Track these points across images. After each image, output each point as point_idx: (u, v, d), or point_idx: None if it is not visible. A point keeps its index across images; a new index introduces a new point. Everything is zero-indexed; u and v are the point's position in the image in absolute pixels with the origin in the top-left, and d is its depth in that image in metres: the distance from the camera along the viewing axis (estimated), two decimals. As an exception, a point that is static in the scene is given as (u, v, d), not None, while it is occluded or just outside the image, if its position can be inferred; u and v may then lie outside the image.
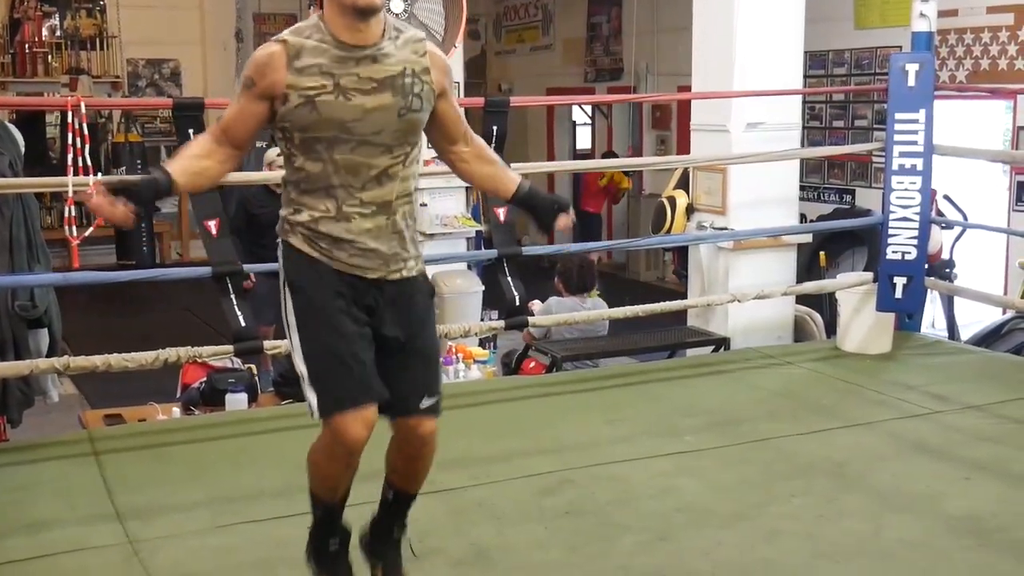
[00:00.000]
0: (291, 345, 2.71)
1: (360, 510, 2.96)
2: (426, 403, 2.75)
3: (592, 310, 5.88)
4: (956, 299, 6.81)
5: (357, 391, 2.63)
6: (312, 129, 2.60)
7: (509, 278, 5.07)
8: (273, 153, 6.48)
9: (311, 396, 2.65)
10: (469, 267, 6.96)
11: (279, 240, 2.75)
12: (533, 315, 5.48)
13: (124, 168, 10.74)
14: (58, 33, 12.86)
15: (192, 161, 2.71)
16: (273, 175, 4.75)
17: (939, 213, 6.78)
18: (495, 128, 4.96)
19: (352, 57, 2.60)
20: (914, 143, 5.64)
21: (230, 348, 4.54)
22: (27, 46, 12.43)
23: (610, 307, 6.20)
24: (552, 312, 5.81)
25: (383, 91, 2.62)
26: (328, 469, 2.74)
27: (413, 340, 2.75)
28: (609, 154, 12.57)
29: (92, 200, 2.50)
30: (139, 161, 11.14)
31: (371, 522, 2.95)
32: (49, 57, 12.56)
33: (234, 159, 2.74)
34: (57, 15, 12.94)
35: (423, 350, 2.79)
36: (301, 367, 2.67)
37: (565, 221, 2.93)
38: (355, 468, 2.75)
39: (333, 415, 2.62)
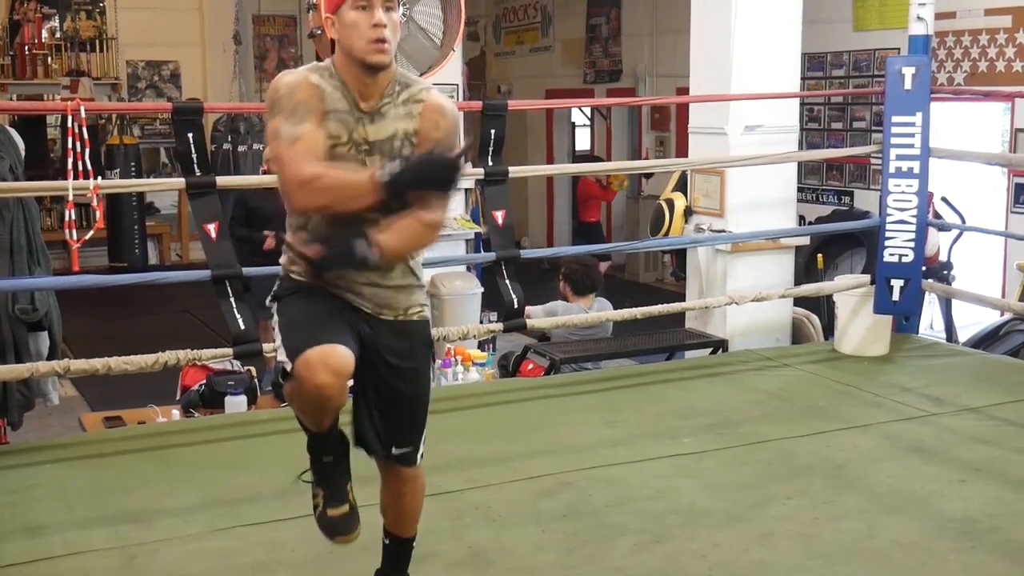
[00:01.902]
0: (277, 347, 2.64)
1: (369, 512, 2.96)
2: (397, 452, 2.75)
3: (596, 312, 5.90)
4: (954, 301, 6.82)
5: (321, 335, 2.52)
6: None
7: (508, 281, 5.08)
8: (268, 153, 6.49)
9: (280, 356, 2.58)
10: (468, 269, 6.97)
11: (282, 266, 2.72)
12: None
13: (118, 170, 10.73)
14: (58, 35, 12.88)
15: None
16: (271, 178, 4.76)
17: (937, 215, 6.80)
18: (493, 131, 4.98)
19: (355, 114, 2.60)
20: (911, 146, 5.65)
21: (229, 351, 4.55)
22: (27, 48, 12.44)
23: (611, 308, 6.23)
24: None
25: (373, 154, 2.60)
26: (305, 412, 2.63)
27: (405, 385, 2.72)
28: (595, 158, 12.61)
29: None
30: (133, 163, 11.15)
31: (376, 574, 3.00)
32: (49, 59, 12.57)
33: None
34: (57, 17, 12.95)
35: (412, 401, 2.76)
36: (281, 353, 2.59)
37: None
38: (334, 411, 2.60)
39: (295, 361, 2.49)
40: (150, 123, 13.29)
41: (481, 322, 6.86)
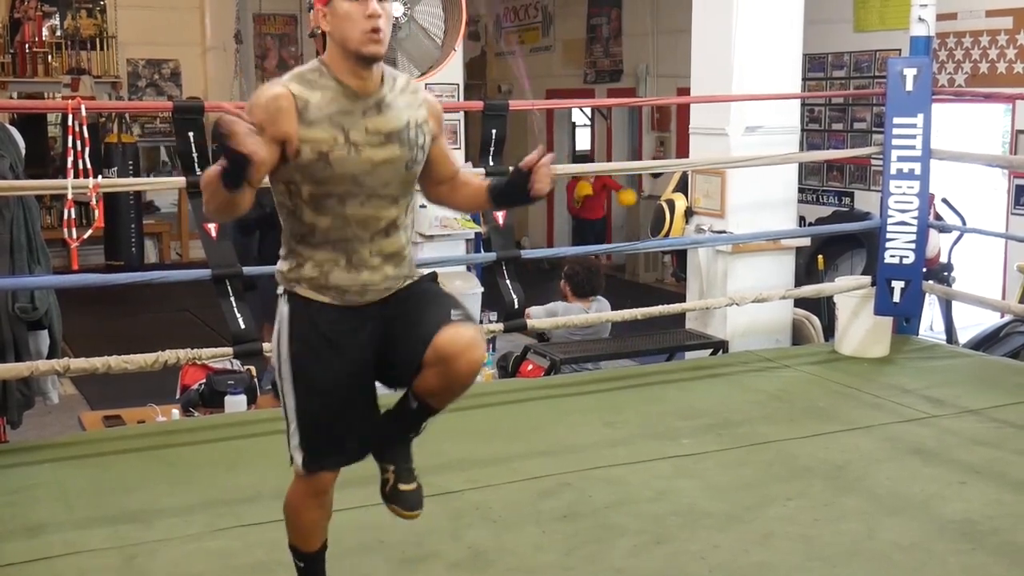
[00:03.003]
0: (281, 392, 2.69)
1: (368, 512, 2.97)
2: (457, 315, 2.59)
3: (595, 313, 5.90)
4: (954, 303, 6.82)
5: (341, 458, 2.70)
6: (325, 183, 2.53)
7: (508, 281, 5.08)
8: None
9: (296, 454, 2.68)
10: (468, 268, 6.96)
11: (279, 293, 2.67)
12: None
13: (116, 168, 10.73)
14: (58, 33, 12.88)
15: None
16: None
17: (937, 217, 6.80)
18: (494, 132, 4.98)
19: (359, 107, 2.56)
20: (912, 148, 5.65)
21: (230, 350, 4.55)
22: (27, 46, 12.45)
23: (611, 309, 6.23)
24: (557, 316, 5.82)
25: (391, 144, 2.58)
26: (306, 513, 2.78)
27: (421, 296, 2.69)
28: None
29: (233, 125, 2.26)
30: (131, 162, 11.14)
31: (387, 419, 2.80)
32: (49, 57, 12.58)
33: (251, 196, 2.53)
34: (57, 15, 12.95)
35: (434, 293, 2.71)
36: (290, 419, 2.67)
37: (538, 182, 2.69)
38: (328, 511, 2.81)
39: (316, 474, 2.69)
40: (150, 122, 13.29)
41: (481, 322, 6.86)
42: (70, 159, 4.20)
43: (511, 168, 2.77)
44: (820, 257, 7.51)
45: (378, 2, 2.52)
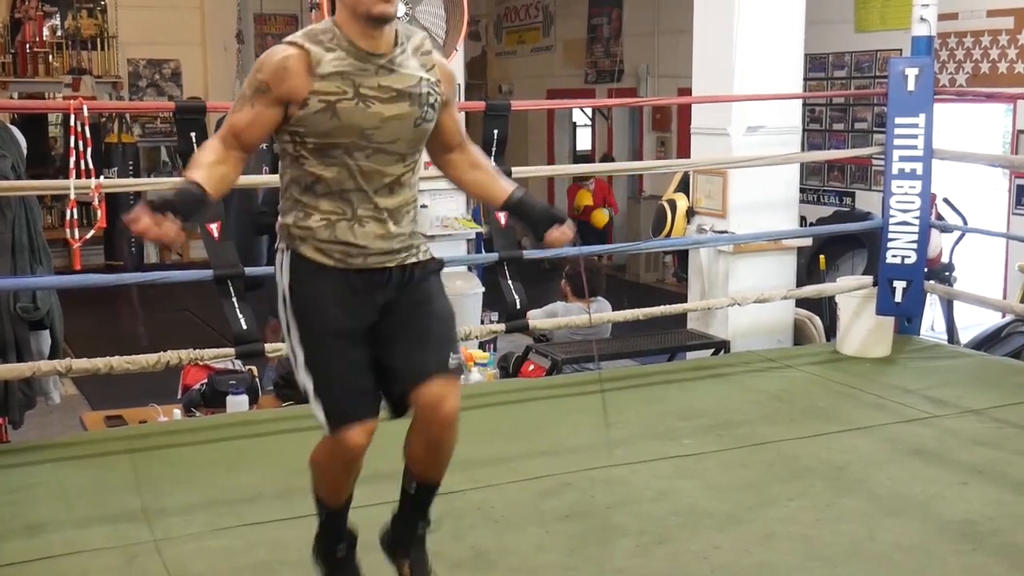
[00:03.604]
0: (292, 356, 2.71)
1: (369, 512, 2.97)
2: (453, 361, 2.69)
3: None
4: (955, 302, 6.82)
5: (362, 408, 2.67)
6: (331, 135, 2.57)
7: (510, 281, 5.08)
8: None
9: (318, 412, 2.68)
10: (469, 268, 6.97)
11: (282, 248, 2.70)
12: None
13: (116, 168, 10.74)
14: (59, 33, 12.89)
15: (212, 168, 2.60)
16: (273, 177, 4.76)
17: (939, 217, 6.80)
18: (496, 132, 4.98)
19: (371, 66, 2.59)
20: (914, 147, 5.65)
21: (231, 351, 4.55)
22: (28, 46, 12.45)
23: (611, 309, 6.23)
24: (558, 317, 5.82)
25: (401, 101, 2.61)
26: (331, 472, 2.78)
27: (427, 306, 2.73)
28: (607, 157, 12.60)
29: (138, 225, 2.41)
30: (131, 162, 11.15)
31: (392, 520, 2.90)
32: (50, 57, 12.58)
33: (244, 162, 2.68)
34: (58, 15, 12.96)
35: (439, 313, 2.75)
36: (305, 380, 2.69)
37: (560, 234, 2.83)
38: (358, 472, 2.78)
39: (340, 429, 2.66)
40: (150, 122, 13.30)
41: (481, 322, 6.86)
42: (72, 159, 4.20)
43: (546, 210, 2.87)
44: (822, 257, 7.51)
45: None
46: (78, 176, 4.20)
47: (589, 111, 13.92)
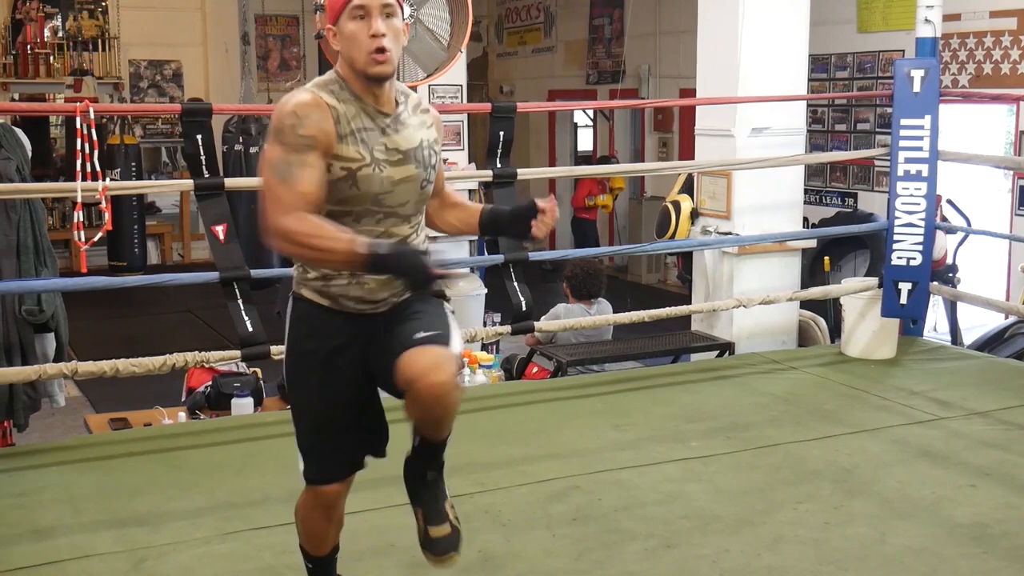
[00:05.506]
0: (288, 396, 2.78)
1: (375, 516, 2.96)
2: (424, 335, 2.44)
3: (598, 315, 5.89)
4: (958, 304, 6.81)
5: (339, 468, 2.71)
6: (346, 203, 2.50)
7: (515, 283, 5.07)
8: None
9: (299, 461, 2.72)
10: (472, 270, 6.95)
11: (291, 294, 2.69)
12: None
13: (119, 170, 10.72)
14: (60, 34, 12.87)
15: (340, 227, 2.45)
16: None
17: (943, 218, 6.79)
18: (502, 133, 4.97)
19: (379, 124, 2.54)
20: (919, 149, 5.64)
21: (237, 353, 4.54)
22: (29, 47, 12.43)
23: (612, 310, 6.22)
24: (559, 319, 5.81)
25: (407, 163, 2.56)
26: (312, 519, 2.81)
27: (416, 304, 2.60)
28: (606, 159, 12.57)
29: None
30: (134, 164, 11.12)
31: (405, 463, 2.74)
32: (51, 58, 12.56)
33: None
34: (59, 16, 12.94)
35: (428, 309, 2.60)
36: (295, 422, 2.72)
37: (542, 222, 2.66)
38: (339, 521, 2.84)
39: (316, 484, 2.71)
40: (152, 123, 13.28)
41: (484, 323, 6.85)
42: (78, 162, 4.18)
43: (516, 210, 2.72)
44: (826, 259, 7.50)
45: (384, 20, 2.48)
46: (84, 179, 4.19)
47: (591, 111, 13.91)
